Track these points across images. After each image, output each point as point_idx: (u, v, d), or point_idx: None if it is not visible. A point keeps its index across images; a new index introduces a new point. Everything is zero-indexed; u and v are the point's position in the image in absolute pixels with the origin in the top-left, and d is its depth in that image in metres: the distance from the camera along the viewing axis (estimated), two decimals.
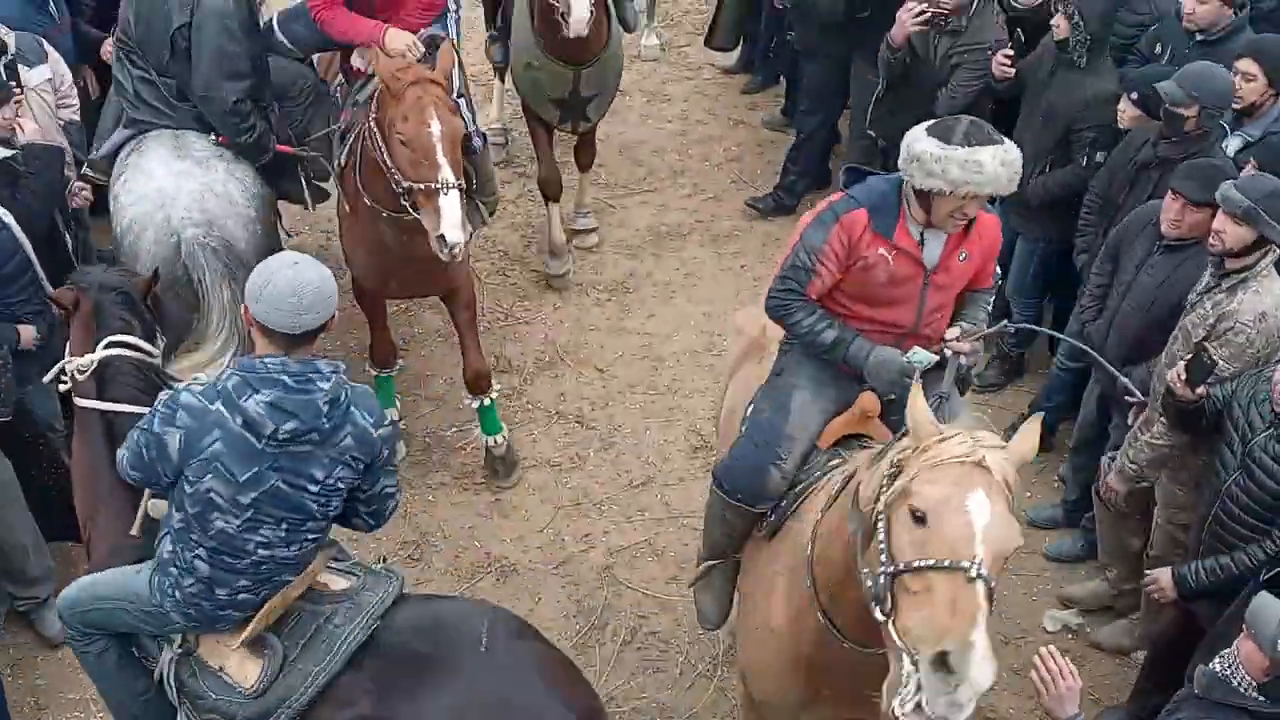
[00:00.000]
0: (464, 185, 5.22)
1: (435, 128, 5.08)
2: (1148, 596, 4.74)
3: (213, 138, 5.76)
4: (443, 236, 5.10)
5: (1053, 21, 5.90)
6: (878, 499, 3.22)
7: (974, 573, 2.99)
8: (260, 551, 3.62)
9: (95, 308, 4.35)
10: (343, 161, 5.76)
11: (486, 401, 6.15)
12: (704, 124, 8.74)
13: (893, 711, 3.03)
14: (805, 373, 4.13)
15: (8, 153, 5.23)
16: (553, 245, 7.32)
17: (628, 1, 7.16)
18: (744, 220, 7.89)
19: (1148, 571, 4.73)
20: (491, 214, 6.65)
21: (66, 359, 4.33)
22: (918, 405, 3.27)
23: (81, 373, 4.24)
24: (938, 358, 3.96)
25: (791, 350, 4.22)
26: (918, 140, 3.71)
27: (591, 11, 6.18)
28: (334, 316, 3.58)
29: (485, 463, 6.29)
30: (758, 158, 8.38)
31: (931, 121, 3.80)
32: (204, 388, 3.56)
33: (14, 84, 5.37)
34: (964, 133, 3.68)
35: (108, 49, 6.31)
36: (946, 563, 3.01)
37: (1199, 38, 5.75)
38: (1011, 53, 6.08)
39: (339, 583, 3.84)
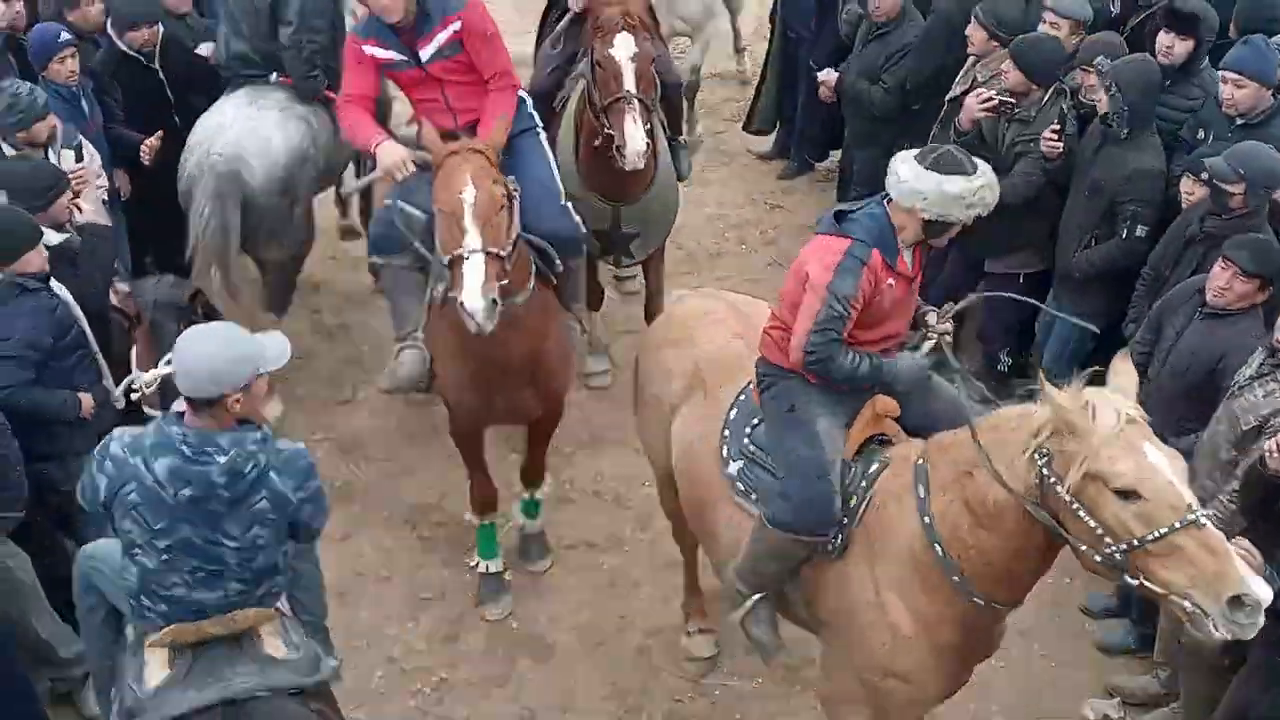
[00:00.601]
0: (501, 252, 4.87)
1: (468, 194, 4.84)
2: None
3: (275, 77, 6.72)
4: (462, 303, 4.81)
5: (1094, 97, 5.95)
6: (1055, 488, 3.60)
7: (1200, 518, 3.44)
8: (177, 590, 3.85)
9: (152, 325, 4.79)
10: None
11: (537, 495, 6.10)
12: (741, 209, 8.83)
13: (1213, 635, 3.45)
14: (816, 400, 4.33)
15: (60, 237, 5.41)
16: (592, 341, 7.28)
17: (682, 150, 7.03)
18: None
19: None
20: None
21: (135, 373, 4.73)
22: (1059, 395, 3.59)
23: (149, 387, 4.57)
24: (933, 344, 4.38)
25: (783, 382, 4.40)
26: (947, 180, 4.01)
27: (648, 144, 5.98)
28: (248, 385, 3.79)
29: (519, 544, 6.27)
30: (794, 241, 8.41)
31: (933, 157, 4.08)
32: (132, 439, 3.83)
33: (80, 165, 5.70)
34: (969, 163, 4.11)
35: (150, 146, 6.55)
36: (1179, 524, 3.42)
37: (1239, 122, 5.80)
38: (1058, 128, 6.11)
39: (279, 649, 4.01)
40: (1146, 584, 3.51)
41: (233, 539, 3.80)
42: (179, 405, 3.85)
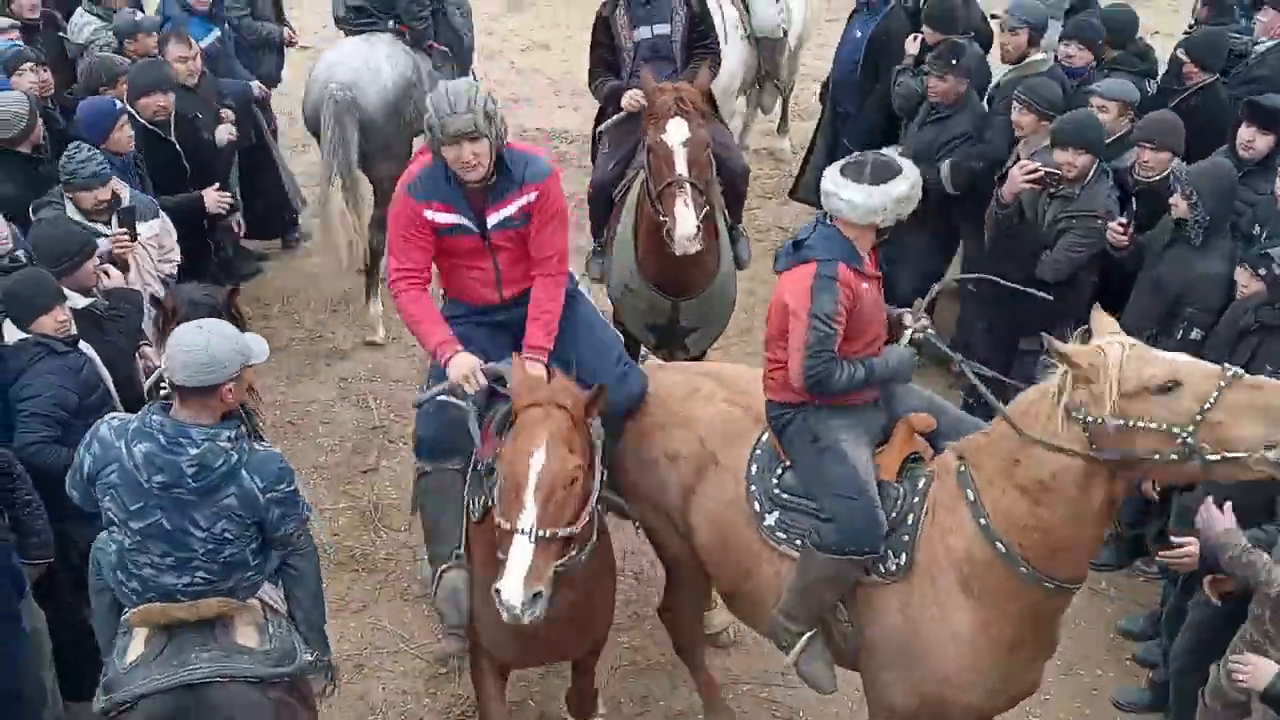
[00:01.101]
0: (561, 533, 4.21)
1: (536, 461, 4.17)
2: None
3: (393, 24, 7.71)
4: (498, 590, 4.16)
5: (1171, 200, 5.85)
6: (1104, 426, 3.87)
7: (1238, 371, 3.80)
8: (147, 571, 4.10)
9: (186, 320, 4.75)
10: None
11: None
12: (769, 284, 8.74)
13: None
14: (834, 423, 4.50)
15: (86, 301, 5.51)
16: None
17: (742, 239, 6.98)
18: None
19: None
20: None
21: (164, 366, 4.70)
22: (1069, 349, 3.92)
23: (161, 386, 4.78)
24: (914, 335, 4.62)
25: (797, 416, 4.54)
26: (891, 188, 4.33)
27: (699, 228, 5.75)
28: (220, 386, 3.97)
29: None
30: None
31: (868, 171, 4.34)
32: (120, 424, 4.09)
33: (122, 231, 5.87)
34: (895, 163, 4.40)
35: (214, 200, 6.85)
36: (1223, 383, 3.76)
37: None
38: (1125, 221, 6.04)
39: (252, 639, 4.20)
40: (1227, 456, 3.72)
41: (201, 529, 4.02)
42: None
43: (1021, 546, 4.17)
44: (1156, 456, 3.84)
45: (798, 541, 4.59)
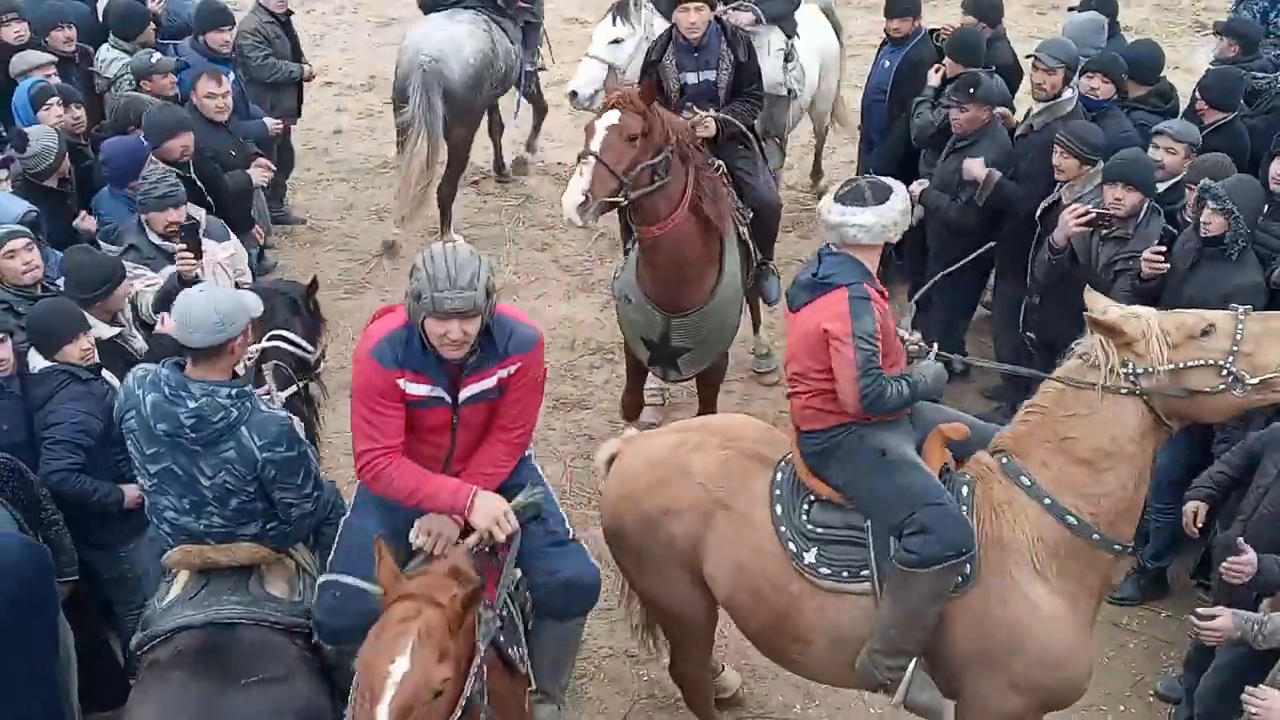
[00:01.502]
0: None
1: (398, 669, 3.50)
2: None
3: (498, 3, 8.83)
4: None
5: (1202, 219, 5.81)
6: (1159, 377, 4.37)
7: (1243, 309, 4.45)
8: (169, 514, 4.42)
9: (267, 309, 5.05)
10: None
11: None
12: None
13: None
14: (892, 435, 4.61)
15: (112, 331, 5.59)
16: None
17: (772, 277, 7.04)
18: None
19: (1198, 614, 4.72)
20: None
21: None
22: (1111, 318, 4.45)
23: (250, 360, 5.06)
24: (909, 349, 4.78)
25: (849, 436, 4.61)
26: (895, 202, 4.52)
27: (586, 197, 5.83)
28: (228, 342, 4.29)
29: None
30: None
31: (869, 194, 4.51)
32: (143, 373, 4.36)
33: (190, 252, 5.92)
34: (884, 181, 4.60)
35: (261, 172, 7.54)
36: (1240, 321, 4.38)
37: None
38: (1164, 249, 5.99)
39: (282, 589, 4.48)
40: (1263, 379, 4.30)
41: (206, 477, 4.30)
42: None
43: (1093, 515, 4.48)
44: (1208, 389, 4.35)
45: (844, 574, 4.64)
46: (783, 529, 4.74)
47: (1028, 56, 7.30)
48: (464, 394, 4.33)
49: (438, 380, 4.28)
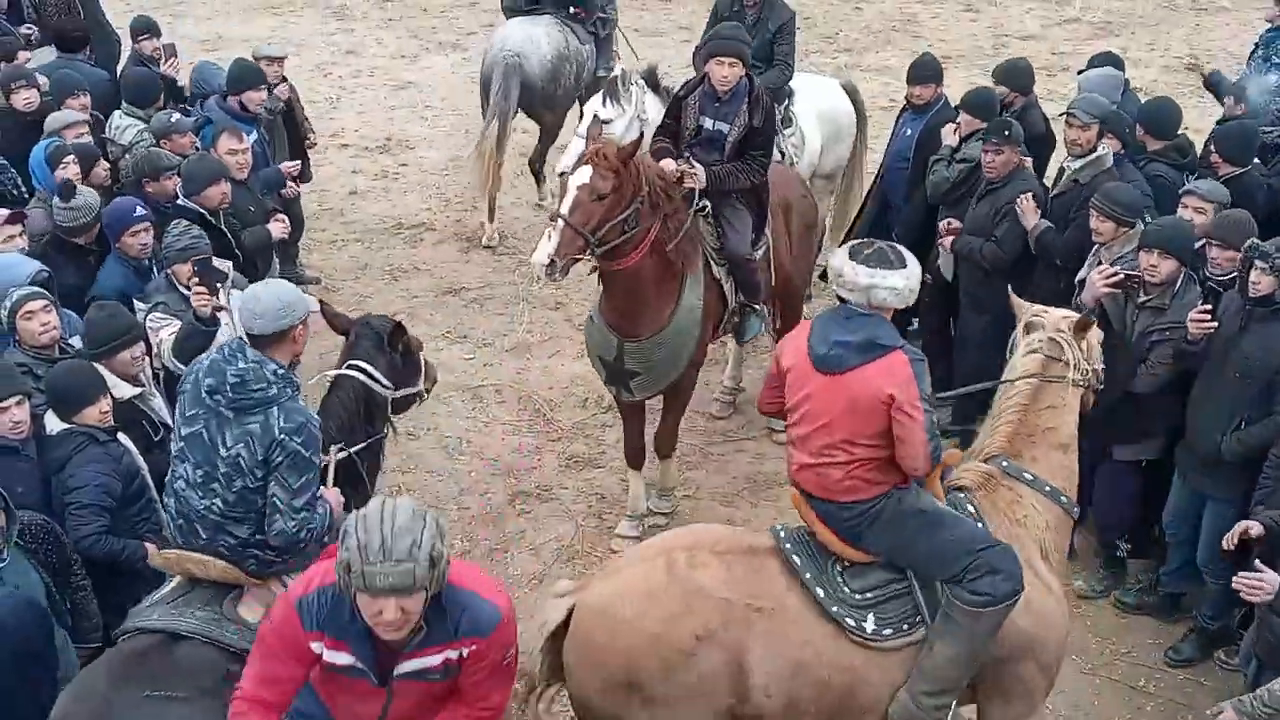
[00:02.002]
0: None
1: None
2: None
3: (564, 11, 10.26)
4: None
5: (1251, 279, 5.75)
6: (1089, 364, 5.19)
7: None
8: (180, 484, 4.56)
9: (356, 336, 5.52)
10: None
11: None
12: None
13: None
14: (921, 493, 4.75)
15: (133, 391, 5.61)
16: (631, 508, 7.29)
17: (754, 316, 7.24)
18: None
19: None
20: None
21: (321, 374, 5.63)
22: (1050, 329, 5.19)
23: (328, 381, 5.48)
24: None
25: (889, 502, 4.63)
26: (912, 265, 4.59)
27: (551, 262, 6.20)
28: (291, 329, 4.56)
29: None
30: None
31: (892, 257, 4.56)
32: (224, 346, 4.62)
33: (205, 289, 6.00)
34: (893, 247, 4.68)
35: (279, 229, 7.63)
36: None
37: None
38: (1210, 308, 5.92)
39: (255, 614, 4.45)
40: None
41: (225, 447, 4.44)
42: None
43: (1068, 490, 5.05)
44: (1105, 366, 5.31)
45: (904, 627, 4.66)
46: (834, 609, 4.60)
47: (1060, 115, 7.30)
48: (401, 669, 3.72)
49: (363, 653, 3.67)
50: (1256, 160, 7.21)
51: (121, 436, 5.36)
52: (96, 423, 5.24)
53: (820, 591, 4.62)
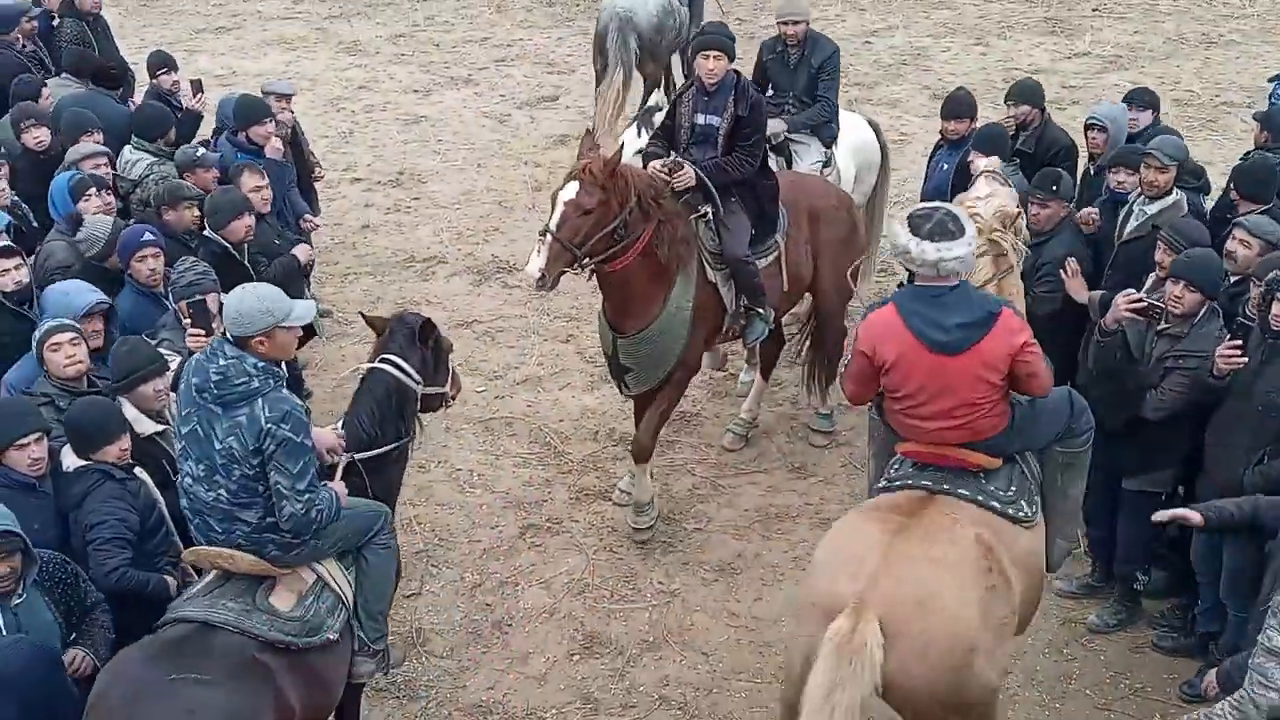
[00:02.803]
0: None
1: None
2: None
3: None
4: None
5: (1274, 313, 5.74)
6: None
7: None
8: (187, 480, 4.86)
9: (390, 332, 5.70)
10: None
11: None
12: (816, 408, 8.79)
13: None
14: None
15: (156, 428, 5.62)
16: (637, 498, 7.40)
17: (758, 320, 7.38)
18: (854, 505, 7.79)
19: None
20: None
21: (357, 366, 5.85)
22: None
23: (358, 375, 5.72)
24: None
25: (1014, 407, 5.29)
26: (973, 235, 4.99)
27: (543, 275, 6.52)
28: (265, 334, 4.73)
29: None
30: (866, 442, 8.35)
31: (953, 225, 4.91)
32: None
33: (200, 329, 6.01)
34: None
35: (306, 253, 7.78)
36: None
37: None
38: (1239, 343, 5.89)
39: (287, 603, 4.90)
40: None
41: (218, 440, 4.70)
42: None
43: None
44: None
45: (1035, 501, 5.36)
46: (1009, 510, 5.17)
47: (1144, 153, 7.04)
48: None
49: None
50: None
51: (138, 470, 5.36)
52: (115, 460, 5.23)
53: (994, 503, 5.13)
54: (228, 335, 4.80)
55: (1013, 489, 5.23)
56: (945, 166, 8.37)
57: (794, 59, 8.65)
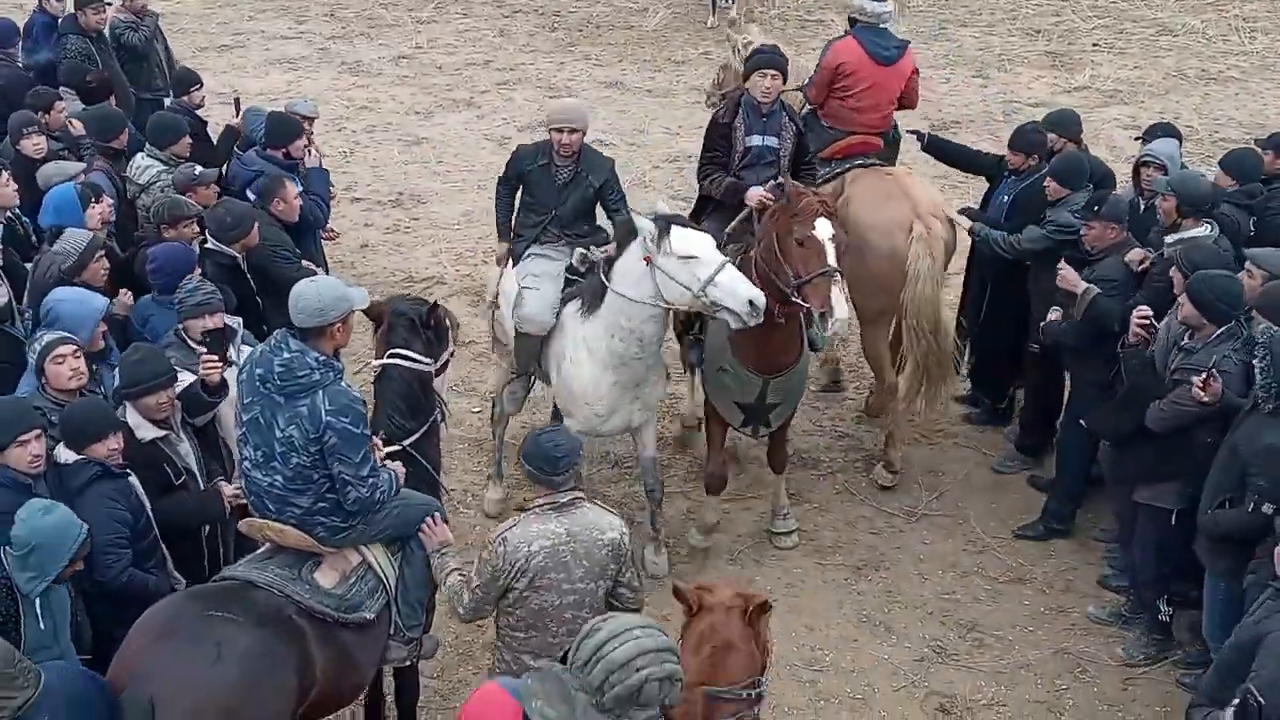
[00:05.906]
0: None
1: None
2: None
3: None
4: None
5: (1254, 363, 5.77)
6: None
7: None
8: (246, 464, 5.11)
9: (390, 324, 5.84)
10: None
11: None
12: (810, 435, 8.79)
13: None
14: None
15: (160, 433, 5.67)
16: (700, 521, 7.49)
17: (819, 327, 7.27)
18: (848, 531, 7.79)
19: None
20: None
21: (370, 363, 6.01)
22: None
23: (374, 374, 5.87)
24: None
25: None
26: None
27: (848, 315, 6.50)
28: (332, 325, 4.97)
29: None
30: (859, 473, 8.36)
31: None
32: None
33: (215, 357, 6.03)
34: None
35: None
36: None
37: None
38: (1148, 311, 6.06)
39: (330, 580, 5.13)
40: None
41: (279, 429, 4.91)
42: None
43: None
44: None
45: None
46: None
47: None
48: None
49: None
50: None
51: (133, 480, 5.40)
52: (103, 459, 5.27)
53: None
54: (291, 330, 4.98)
55: None
56: (1006, 198, 8.12)
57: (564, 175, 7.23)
